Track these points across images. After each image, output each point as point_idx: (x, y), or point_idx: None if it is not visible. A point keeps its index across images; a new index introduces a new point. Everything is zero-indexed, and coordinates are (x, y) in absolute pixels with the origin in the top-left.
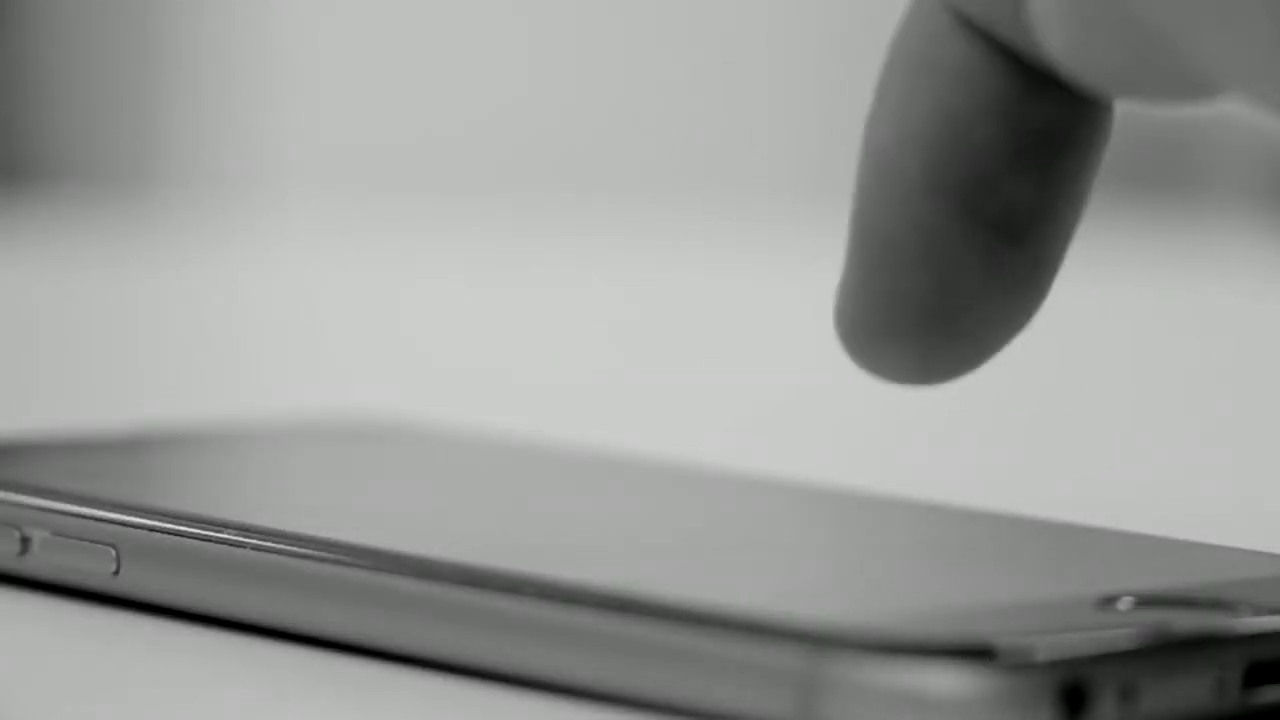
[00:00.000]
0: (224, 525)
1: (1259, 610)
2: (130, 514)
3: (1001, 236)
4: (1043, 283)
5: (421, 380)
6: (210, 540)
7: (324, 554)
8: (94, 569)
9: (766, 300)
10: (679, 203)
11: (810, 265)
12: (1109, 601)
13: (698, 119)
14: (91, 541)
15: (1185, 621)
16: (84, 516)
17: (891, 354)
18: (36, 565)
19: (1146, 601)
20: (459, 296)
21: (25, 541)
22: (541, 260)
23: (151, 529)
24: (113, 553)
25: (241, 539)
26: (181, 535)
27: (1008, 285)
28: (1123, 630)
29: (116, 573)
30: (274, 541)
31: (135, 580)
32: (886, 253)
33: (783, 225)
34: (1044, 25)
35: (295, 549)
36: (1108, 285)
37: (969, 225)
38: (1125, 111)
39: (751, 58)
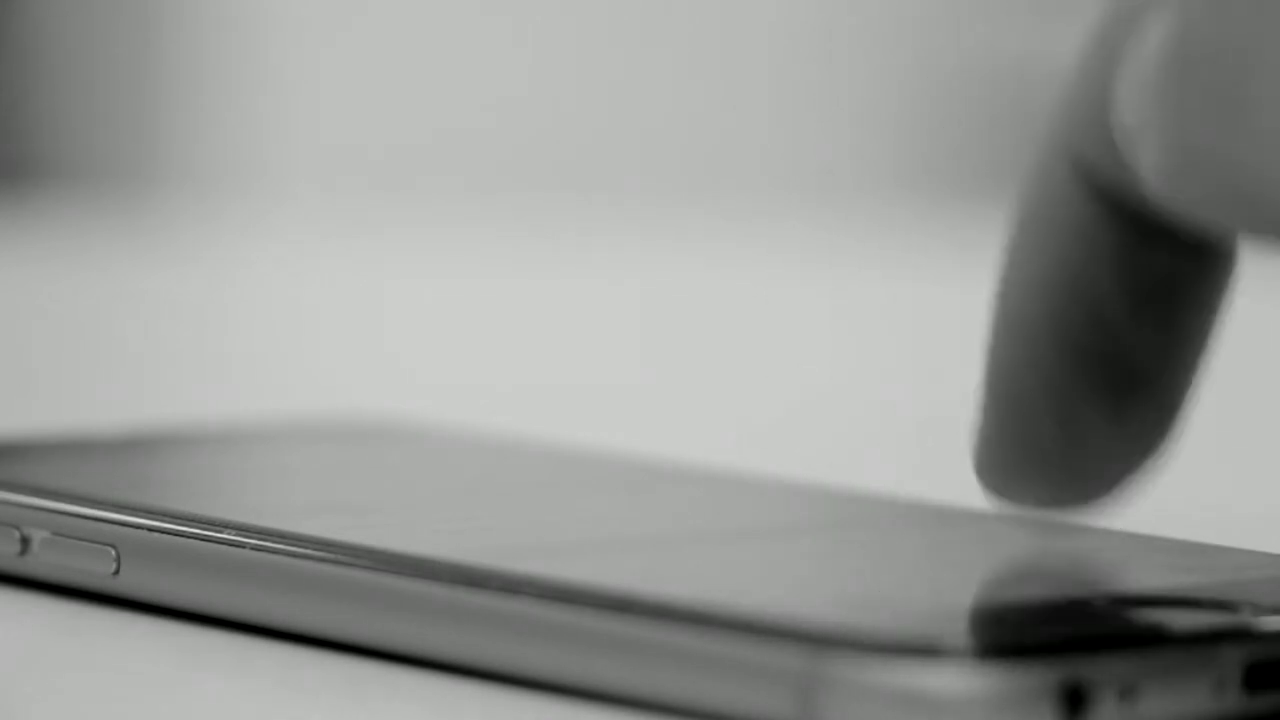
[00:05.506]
0: (224, 525)
1: (1259, 610)
2: (130, 514)
3: (1125, 385)
4: (1167, 425)
5: (420, 380)
6: (210, 540)
7: (324, 554)
8: (94, 569)
9: (766, 300)
10: (676, 203)
11: (811, 266)
12: (1109, 601)
13: (697, 117)
14: (91, 541)
15: (1185, 621)
16: (84, 516)
17: (1024, 494)
18: (36, 565)
19: (1146, 601)
20: (459, 297)
21: (25, 541)
22: (538, 260)
23: (151, 529)
24: (113, 553)
25: (241, 539)
26: (181, 535)
27: (1133, 430)
28: (1123, 630)
29: (116, 573)
30: (274, 541)
31: (135, 580)
32: (1016, 405)
33: (782, 225)
34: (1149, 174)
35: (295, 549)
36: None
37: (1093, 378)
38: None
39: (756, 55)
